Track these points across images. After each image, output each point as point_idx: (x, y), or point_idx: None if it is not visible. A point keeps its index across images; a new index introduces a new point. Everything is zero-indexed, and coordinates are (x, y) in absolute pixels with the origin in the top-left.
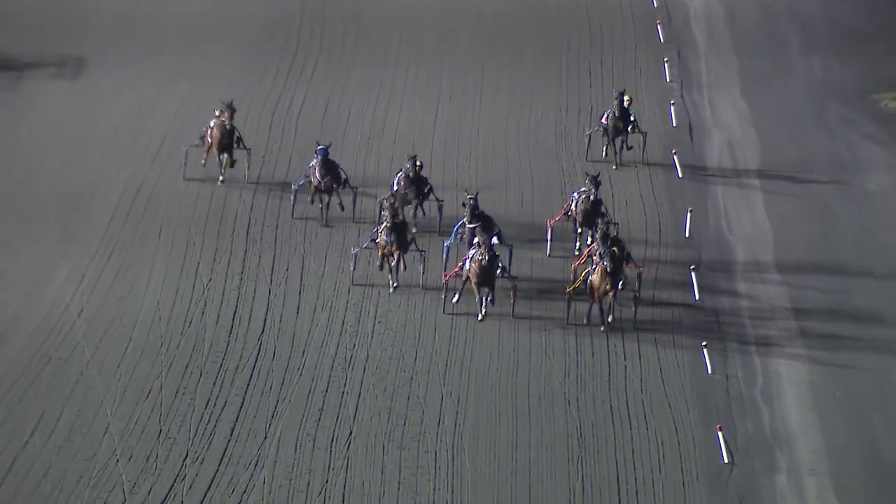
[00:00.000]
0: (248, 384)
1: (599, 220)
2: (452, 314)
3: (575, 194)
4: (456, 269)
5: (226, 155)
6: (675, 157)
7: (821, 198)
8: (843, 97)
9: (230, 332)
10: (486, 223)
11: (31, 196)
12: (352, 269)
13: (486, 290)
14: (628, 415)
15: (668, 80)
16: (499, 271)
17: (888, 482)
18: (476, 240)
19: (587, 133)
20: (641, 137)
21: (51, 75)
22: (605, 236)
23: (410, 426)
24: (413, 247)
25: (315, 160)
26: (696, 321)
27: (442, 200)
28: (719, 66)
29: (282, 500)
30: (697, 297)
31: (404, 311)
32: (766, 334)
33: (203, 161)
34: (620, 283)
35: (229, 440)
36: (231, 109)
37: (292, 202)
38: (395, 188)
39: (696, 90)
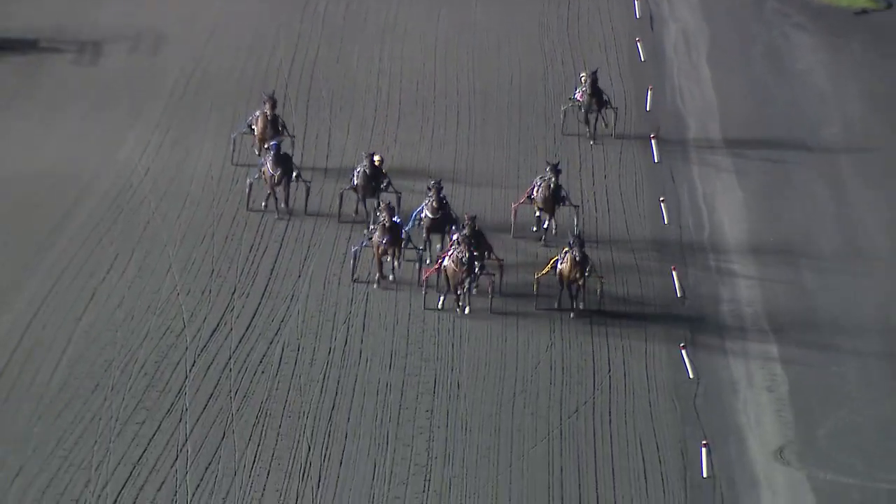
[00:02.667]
0: (285, 232)
1: (559, 206)
2: None
3: (537, 179)
4: (435, 267)
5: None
6: (639, 44)
7: (759, 77)
8: None
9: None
10: (446, 213)
11: (103, 79)
12: (351, 266)
13: (463, 287)
14: (599, 260)
15: None
16: (477, 268)
17: (809, 310)
18: (455, 237)
19: (563, 108)
20: (613, 113)
21: None
22: (577, 239)
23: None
24: (409, 245)
25: (267, 156)
26: (655, 180)
27: (400, 193)
28: None
29: (313, 328)
30: (657, 160)
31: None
32: (712, 190)
33: (258, 151)
34: (588, 270)
35: (269, 278)
36: (272, 100)
37: (247, 195)
38: (355, 182)
39: None
